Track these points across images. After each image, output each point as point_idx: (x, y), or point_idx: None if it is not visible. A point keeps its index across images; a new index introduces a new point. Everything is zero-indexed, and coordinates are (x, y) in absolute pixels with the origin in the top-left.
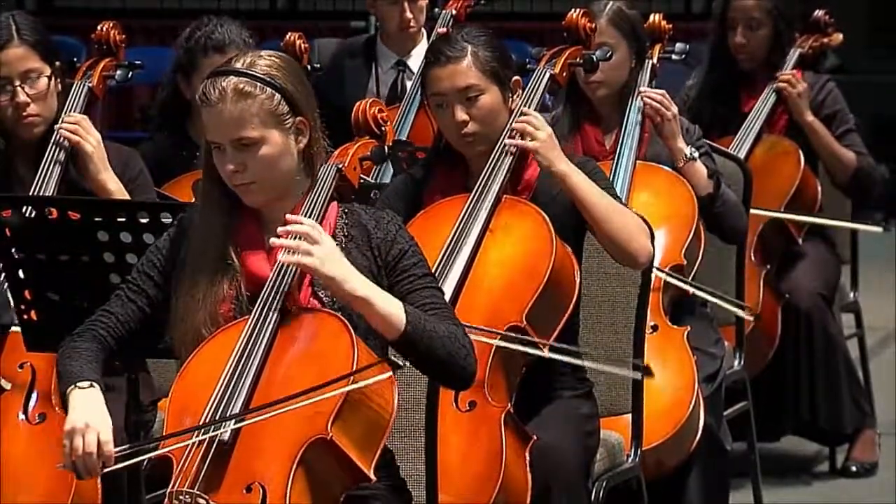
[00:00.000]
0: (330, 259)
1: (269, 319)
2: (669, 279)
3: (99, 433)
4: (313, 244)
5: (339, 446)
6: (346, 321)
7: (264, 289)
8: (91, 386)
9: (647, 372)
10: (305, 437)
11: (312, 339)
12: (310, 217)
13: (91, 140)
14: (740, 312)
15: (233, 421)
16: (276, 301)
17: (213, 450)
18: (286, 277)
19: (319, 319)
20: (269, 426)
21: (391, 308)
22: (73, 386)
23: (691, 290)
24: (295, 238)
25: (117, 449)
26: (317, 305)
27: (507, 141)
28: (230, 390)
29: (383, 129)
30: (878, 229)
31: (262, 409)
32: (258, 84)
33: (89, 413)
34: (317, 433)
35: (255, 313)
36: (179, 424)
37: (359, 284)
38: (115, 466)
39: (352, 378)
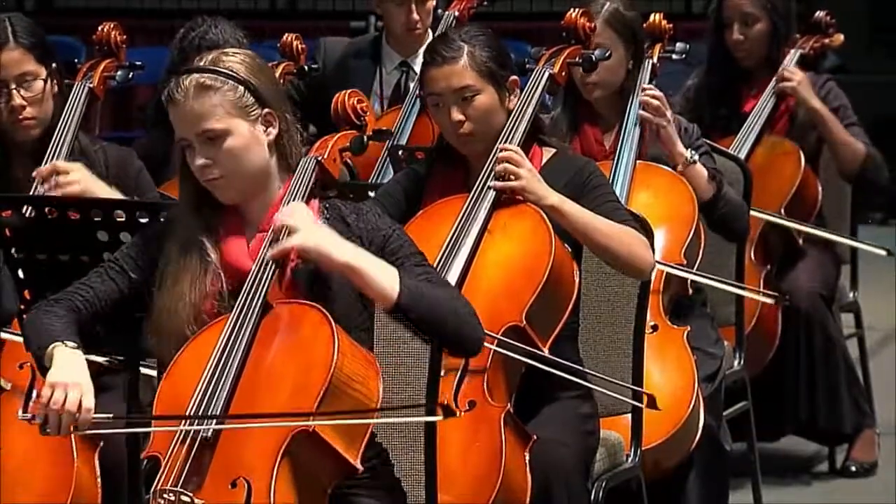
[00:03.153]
0: (312, 233)
1: (250, 314)
2: (675, 271)
3: (82, 395)
4: (293, 225)
5: (323, 437)
6: (326, 312)
7: (245, 284)
8: (77, 348)
9: (652, 404)
10: (289, 430)
11: (294, 332)
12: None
13: (74, 185)
14: (764, 299)
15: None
16: (257, 296)
17: (196, 447)
18: (267, 270)
19: (300, 311)
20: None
21: (383, 274)
22: (59, 343)
23: (695, 278)
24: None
25: (96, 416)
26: (299, 298)
27: (490, 184)
28: (212, 386)
29: (363, 119)
30: (882, 252)
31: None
32: (219, 77)
33: (76, 373)
34: (300, 425)
35: (237, 309)
36: (165, 424)
37: (345, 253)
38: (86, 431)
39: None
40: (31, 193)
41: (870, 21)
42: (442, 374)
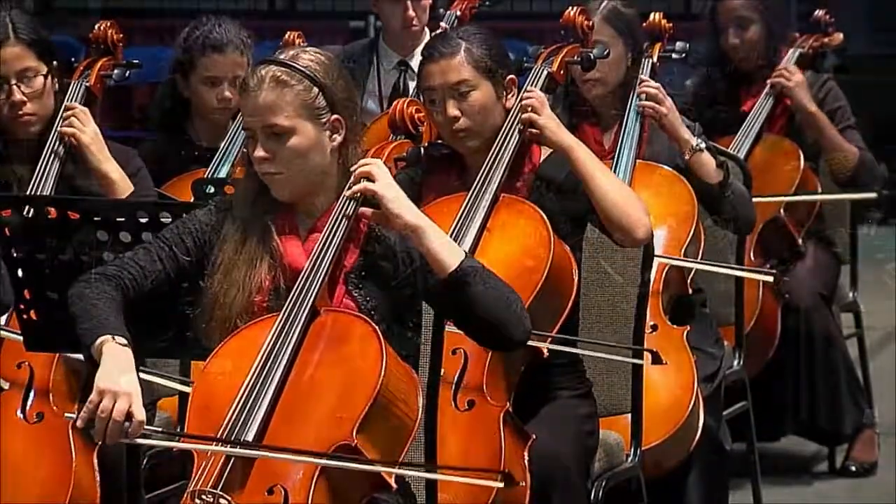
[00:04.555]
0: (392, 186)
1: (298, 319)
2: (674, 262)
3: (131, 404)
4: (378, 175)
5: (363, 453)
6: (375, 326)
7: (295, 287)
8: (127, 345)
9: (657, 359)
10: (330, 443)
11: (341, 343)
12: (344, 216)
13: (87, 131)
14: (762, 277)
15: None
16: (306, 300)
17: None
18: (318, 275)
19: (349, 322)
20: (295, 429)
21: (448, 243)
22: (110, 337)
23: (699, 267)
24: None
25: (147, 427)
26: (350, 307)
27: (521, 116)
28: (255, 391)
29: (420, 129)
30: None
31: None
32: (296, 75)
33: (127, 377)
34: (342, 439)
35: (285, 312)
36: (202, 419)
37: (417, 215)
38: (136, 441)
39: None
40: (29, 190)
41: (870, 21)
42: (441, 373)
